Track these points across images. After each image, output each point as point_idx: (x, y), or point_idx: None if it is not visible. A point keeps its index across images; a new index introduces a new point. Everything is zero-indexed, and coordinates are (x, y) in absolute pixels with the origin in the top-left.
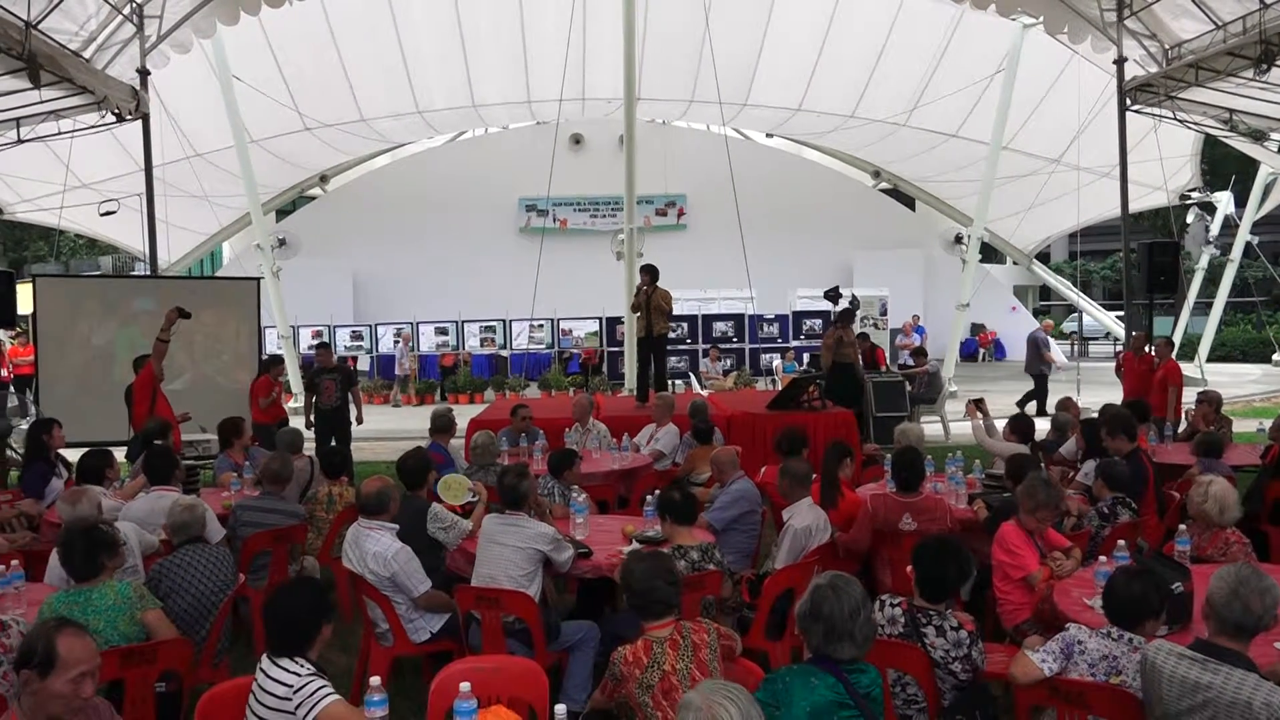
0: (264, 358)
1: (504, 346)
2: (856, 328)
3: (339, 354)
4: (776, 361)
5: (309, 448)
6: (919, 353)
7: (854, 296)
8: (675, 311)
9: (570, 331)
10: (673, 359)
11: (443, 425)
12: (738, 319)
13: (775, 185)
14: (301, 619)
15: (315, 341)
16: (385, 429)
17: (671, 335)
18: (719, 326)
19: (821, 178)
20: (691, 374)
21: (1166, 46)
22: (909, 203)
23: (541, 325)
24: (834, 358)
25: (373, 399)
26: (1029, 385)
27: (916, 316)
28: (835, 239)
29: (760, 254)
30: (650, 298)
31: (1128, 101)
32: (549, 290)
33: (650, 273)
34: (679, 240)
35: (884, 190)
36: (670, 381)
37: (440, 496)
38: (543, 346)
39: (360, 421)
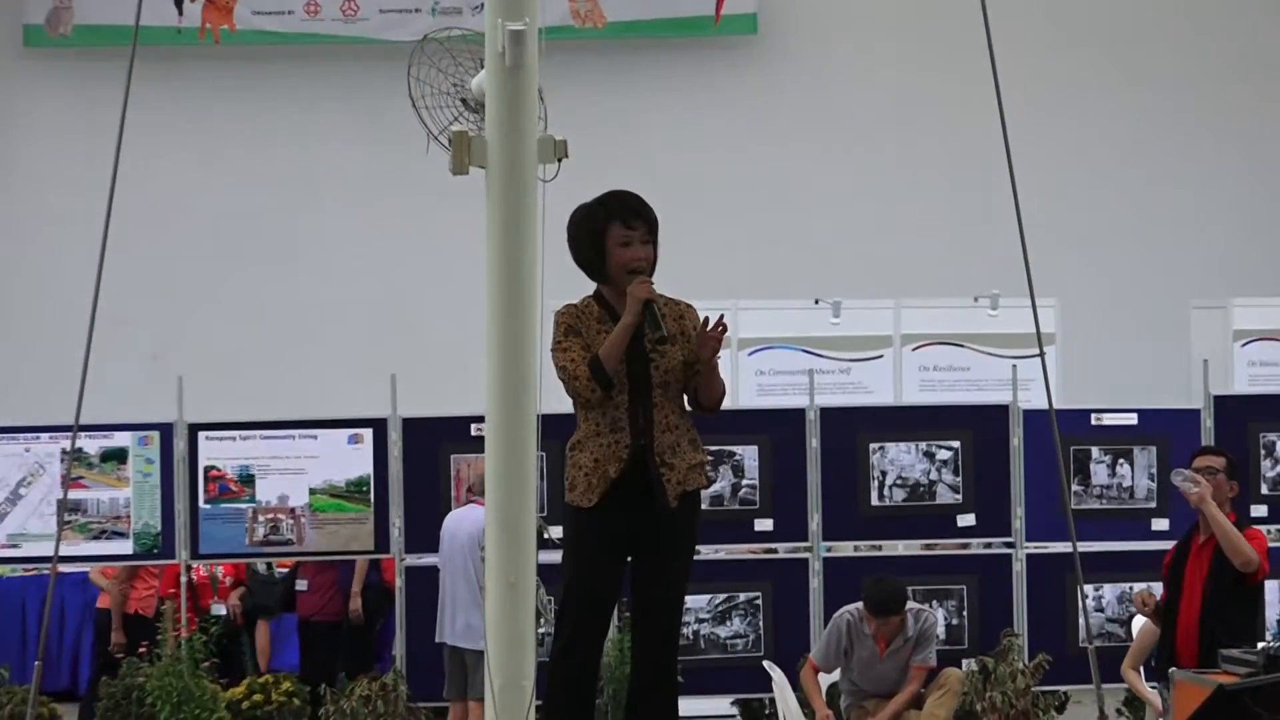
0: None
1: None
2: None
3: None
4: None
5: None
6: None
7: None
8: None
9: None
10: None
11: None
12: (990, 421)
13: None
14: None
15: None
16: None
17: (713, 488)
18: (901, 459)
19: None
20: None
21: None
22: None
23: (151, 439)
24: None
25: None
26: None
27: None
28: None
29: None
30: (660, 322)
31: None
32: (146, 295)
33: (648, 221)
34: (747, 85)
35: None
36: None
37: None
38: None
39: None
